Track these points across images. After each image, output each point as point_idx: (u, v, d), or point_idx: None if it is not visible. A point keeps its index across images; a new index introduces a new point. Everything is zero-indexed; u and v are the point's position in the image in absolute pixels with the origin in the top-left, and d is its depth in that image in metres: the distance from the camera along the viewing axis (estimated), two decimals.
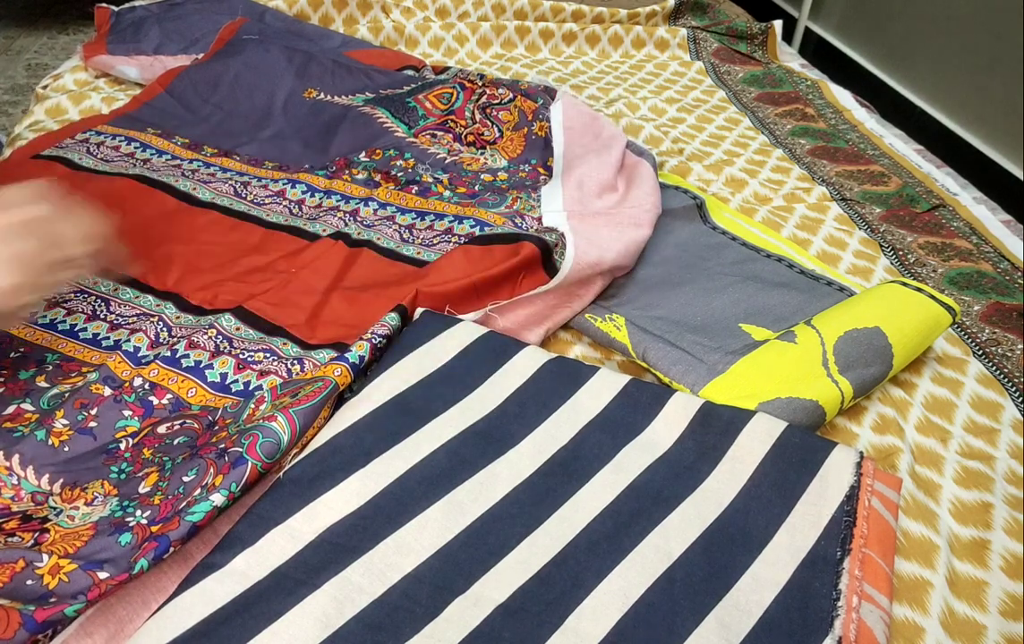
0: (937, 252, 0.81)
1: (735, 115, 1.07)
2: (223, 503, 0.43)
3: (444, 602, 0.41)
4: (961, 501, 0.55)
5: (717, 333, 0.62)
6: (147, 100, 0.90)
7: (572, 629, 0.41)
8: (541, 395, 0.54)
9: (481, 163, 0.84)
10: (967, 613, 0.48)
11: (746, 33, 1.28)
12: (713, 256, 0.74)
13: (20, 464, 0.48)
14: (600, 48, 1.24)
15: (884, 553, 0.45)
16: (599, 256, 0.65)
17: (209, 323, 0.59)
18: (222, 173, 0.80)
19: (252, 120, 0.90)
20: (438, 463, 0.48)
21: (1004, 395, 0.64)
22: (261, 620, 0.39)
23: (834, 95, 1.14)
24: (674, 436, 0.52)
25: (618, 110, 1.05)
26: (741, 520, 0.47)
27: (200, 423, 0.51)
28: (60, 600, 0.38)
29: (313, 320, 0.62)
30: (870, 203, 0.89)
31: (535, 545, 0.45)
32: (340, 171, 0.81)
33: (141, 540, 0.41)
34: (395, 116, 0.88)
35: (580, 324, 0.66)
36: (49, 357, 0.57)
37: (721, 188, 0.89)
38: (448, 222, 0.74)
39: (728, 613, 0.42)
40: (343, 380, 0.52)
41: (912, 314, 0.62)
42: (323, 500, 0.45)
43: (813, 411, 0.54)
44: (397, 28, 1.16)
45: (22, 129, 0.89)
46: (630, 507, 0.47)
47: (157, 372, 0.55)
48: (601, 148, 0.79)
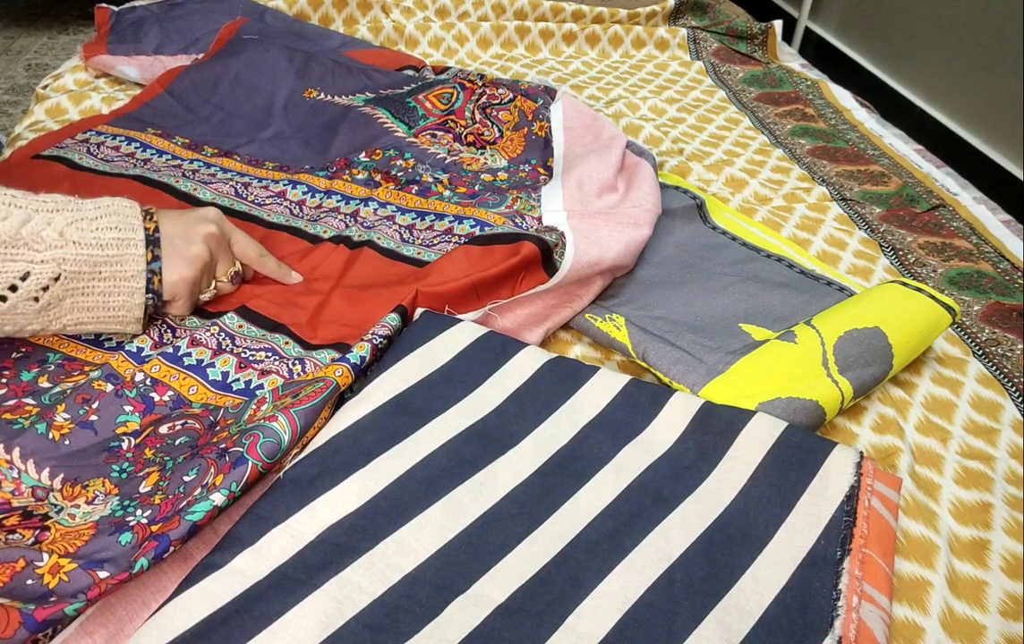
0: (937, 252, 0.81)
1: (735, 115, 1.07)
2: (223, 503, 0.43)
3: (444, 602, 0.42)
4: (961, 501, 0.55)
5: (717, 333, 0.62)
6: (147, 100, 0.90)
7: (572, 629, 0.41)
8: (541, 395, 0.54)
9: (481, 163, 0.84)
10: (967, 613, 0.48)
11: (746, 33, 1.28)
12: (713, 256, 0.74)
13: (20, 457, 0.48)
14: (600, 48, 1.24)
15: (884, 553, 0.45)
16: (599, 255, 0.65)
17: (212, 321, 0.60)
18: (223, 173, 0.80)
19: (252, 120, 0.90)
20: (438, 463, 0.48)
21: (1004, 395, 0.64)
22: (261, 620, 0.39)
23: (834, 95, 1.14)
24: (674, 436, 0.52)
25: (618, 110, 1.05)
26: (741, 520, 0.47)
27: (202, 423, 0.51)
28: (60, 599, 0.38)
29: (315, 319, 0.62)
30: (870, 203, 0.89)
31: (535, 545, 0.45)
32: (340, 171, 0.81)
33: (141, 539, 0.41)
34: (395, 116, 0.88)
35: (580, 324, 0.66)
36: (51, 357, 0.57)
37: (721, 188, 0.89)
38: (448, 222, 0.74)
39: (728, 613, 0.42)
40: (344, 381, 0.52)
41: (912, 314, 0.62)
42: (323, 500, 0.45)
43: (813, 411, 0.54)
44: (397, 28, 1.17)
45: (22, 129, 0.89)
46: (630, 507, 0.47)
47: (159, 369, 0.55)
48: (601, 148, 0.79)
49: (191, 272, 0.57)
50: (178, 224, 0.58)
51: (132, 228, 0.54)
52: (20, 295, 0.50)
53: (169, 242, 0.57)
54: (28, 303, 0.51)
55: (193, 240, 0.58)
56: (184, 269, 0.57)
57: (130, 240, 0.54)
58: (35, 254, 0.50)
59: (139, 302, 0.55)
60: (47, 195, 0.53)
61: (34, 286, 0.50)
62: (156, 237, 0.56)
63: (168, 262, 0.56)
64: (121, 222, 0.54)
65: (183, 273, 0.57)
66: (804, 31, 2.17)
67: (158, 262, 0.56)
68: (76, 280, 0.52)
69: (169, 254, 0.56)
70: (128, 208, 0.55)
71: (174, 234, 0.57)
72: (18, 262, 0.50)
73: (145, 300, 0.55)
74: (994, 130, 1.63)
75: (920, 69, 1.81)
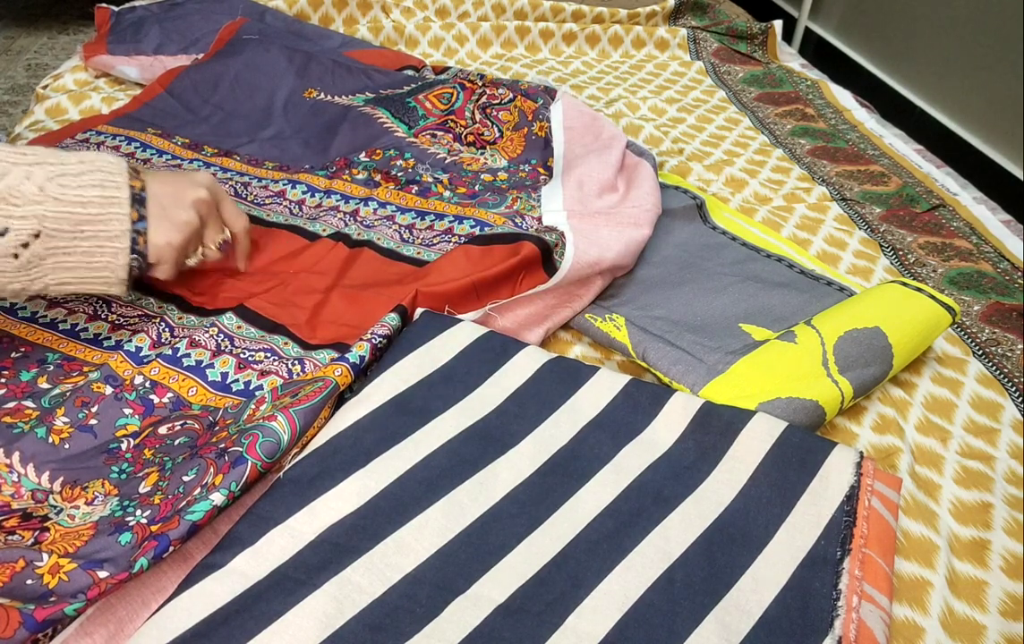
0: (937, 252, 0.81)
1: (735, 115, 1.07)
2: (223, 502, 0.43)
3: (444, 602, 0.42)
4: (961, 501, 0.55)
5: (717, 333, 0.62)
6: (147, 100, 0.90)
7: (572, 629, 0.41)
8: (541, 395, 0.54)
9: (481, 163, 0.84)
10: (967, 613, 0.48)
11: (746, 33, 1.28)
12: (713, 256, 0.74)
13: (20, 461, 0.48)
14: (600, 48, 1.24)
15: (884, 553, 0.45)
16: (599, 255, 0.65)
17: (211, 322, 0.60)
18: (222, 173, 0.80)
19: (252, 120, 0.90)
20: (438, 463, 0.48)
21: (1004, 395, 0.64)
22: (261, 620, 0.39)
23: (834, 95, 1.14)
24: (674, 436, 0.52)
25: (618, 110, 1.05)
26: (741, 520, 0.47)
27: (201, 423, 0.51)
28: (60, 599, 0.38)
29: (314, 319, 0.62)
30: (870, 203, 0.89)
31: (535, 545, 0.45)
32: (340, 171, 0.81)
33: (141, 539, 0.41)
34: (395, 116, 0.88)
35: (580, 324, 0.66)
36: (50, 357, 0.57)
37: (721, 188, 0.89)
38: (448, 222, 0.74)
39: (728, 613, 0.42)
40: (344, 380, 0.52)
41: (912, 314, 0.62)
42: (323, 500, 0.45)
43: (813, 411, 0.54)
44: (397, 28, 1.16)
45: (22, 129, 0.89)
46: (630, 507, 0.47)
47: (158, 371, 0.55)
48: (601, 148, 0.79)
49: (179, 237, 0.55)
50: (168, 186, 0.56)
51: (117, 186, 0.52)
52: None
53: (158, 203, 0.54)
54: (7, 259, 0.49)
55: (183, 204, 0.56)
56: (172, 234, 0.55)
57: (114, 198, 0.52)
58: (13, 209, 0.48)
59: (123, 263, 0.53)
60: (29, 147, 0.51)
61: (13, 242, 0.48)
62: (142, 196, 0.54)
63: (156, 224, 0.54)
64: (106, 179, 0.52)
65: (171, 238, 0.55)
66: (804, 31, 2.17)
67: (144, 222, 0.53)
68: (57, 238, 0.50)
69: (157, 216, 0.54)
70: (113, 164, 0.53)
71: (163, 196, 0.55)
72: None
73: (130, 261, 0.53)
74: (994, 130, 1.63)
75: (920, 69, 1.81)
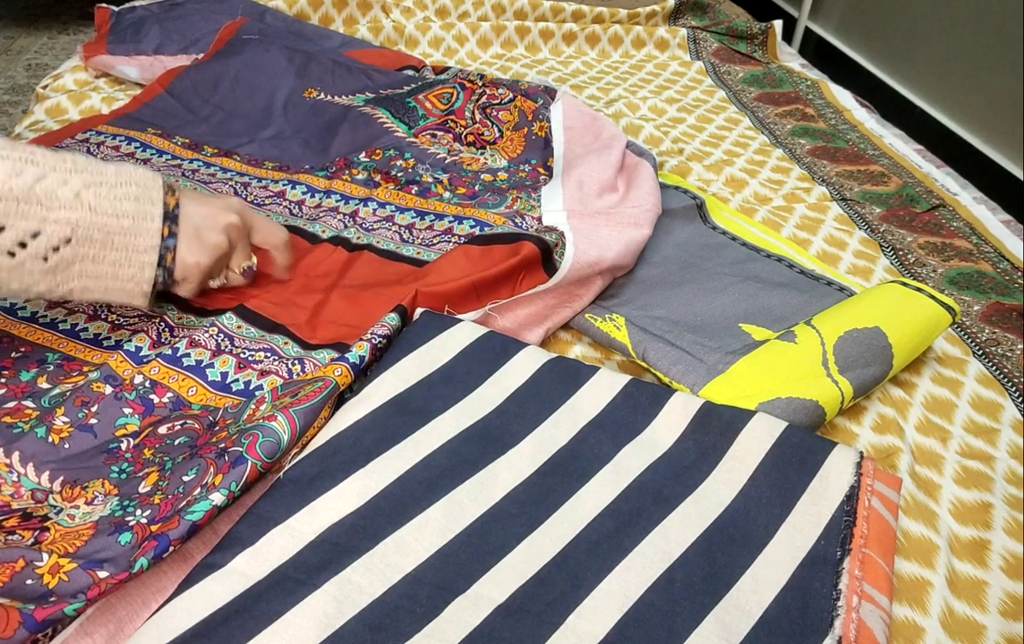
0: (937, 252, 0.81)
1: (735, 115, 1.07)
2: (223, 502, 0.43)
3: (444, 602, 0.42)
4: (961, 501, 0.55)
5: (717, 333, 0.62)
6: (147, 100, 0.90)
7: (572, 629, 0.41)
8: (541, 395, 0.54)
9: (481, 163, 0.84)
10: (967, 613, 0.48)
11: (746, 33, 1.28)
12: (713, 256, 0.74)
13: (20, 461, 0.48)
14: (600, 48, 1.24)
15: (884, 553, 0.45)
16: (599, 255, 0.65)
17: (211, 322, 0.59)
18: (222, 173, 0.80)
19: (252, 120, 0.90)
20: (438, 463, 0.48)
21: (1004, 395, 0.64)
22: (261, 620, 0.39)
23: (834, 95, 1.14)
24: (674, 436, 0.52)
25: (618, 110, 1.05)
26: (741, 520, 0.47)
27: (201, 423, 0.51)
28: (60, 599, 0.38)
29: (314, 319, 0.62)
30: (870, 203, 0.89)
31: (535, 545, 0.45)
32: (340, 171, 0.81)
33: (141, 539, 0.41)
34: (395, 116, 0.88)
35: (580, 324, 0.66)
36: (50, 357, 0.57)
37: (721, 188, 0.89)
38: (448, 222, 0.74)
39: (728, 613, 0.42)
40: (344, 380, 0.52)
41: (912, 314, 0.62)
42: (323, 500, 0.45)
43: (813, 411, 0.54)
44: (397, 28, 1.17)
45: (22, 129, 0.89)
46: (630, 507, 0.47)
47: (158, 370, 0.55)
48: (601, 148, 0.79)
49: (208, 259, 0.57)
50: (203, 207, 0.57)
51: (152, 201, 0.53)
52: (29, 253, 0.49)
53: (190, 223, 0.56)
54: (37, 262, 0.49)
55: (216, 227, 0.57)
56: (201, 255, 0.56)
57: (148, 213, 0.53)
58: (48, 213, 0.49)
59: (148, 277, 0.54)
60: (68, 153, 0.52)
61: (44, 245, 0.49)
62: (175, 213, 0.55)
63: (186, 243, 0.56)
64: (141, 193, 0.53)
65: (199, 258, 0.56)
66: (804, 31, 2.17)
67: (173, 239, 0.55)
68: (88, 246, 0.51)
69: (188, 236, 0.56)
70: (150, 179, 0.54)
71: (197, 216, 0.56)
72: (29, 220, 0.48)
73: (155, 275, 0.54)
74: (994, 130, 1.63)
75: (920, 69, 1.81)
